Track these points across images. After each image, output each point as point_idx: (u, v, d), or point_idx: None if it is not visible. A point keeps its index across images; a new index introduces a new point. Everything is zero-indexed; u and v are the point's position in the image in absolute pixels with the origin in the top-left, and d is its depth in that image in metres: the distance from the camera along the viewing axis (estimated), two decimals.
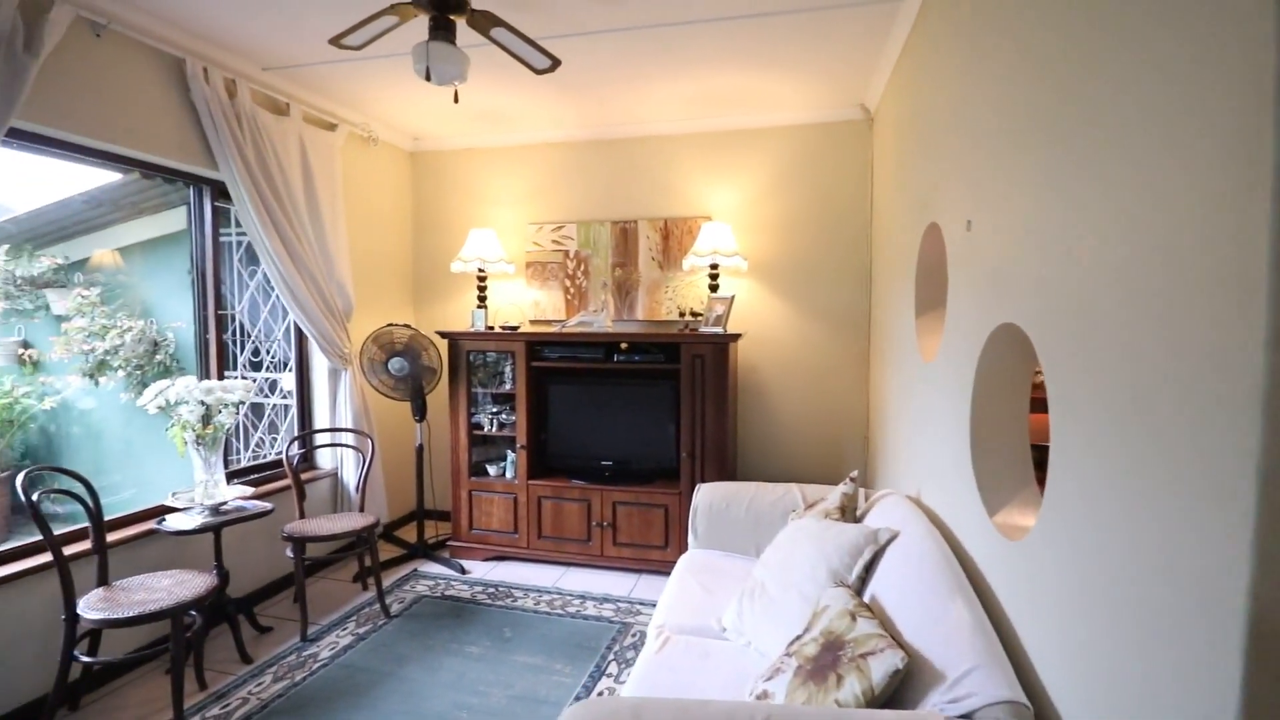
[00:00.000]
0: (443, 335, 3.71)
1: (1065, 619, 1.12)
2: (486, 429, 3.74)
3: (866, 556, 1.84)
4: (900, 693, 1.27)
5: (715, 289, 3.59)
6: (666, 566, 3.28)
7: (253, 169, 2.93)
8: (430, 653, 2.67)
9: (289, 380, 3.62)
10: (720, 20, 2.56)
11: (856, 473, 2.46)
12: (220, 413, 2.58)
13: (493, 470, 3.76)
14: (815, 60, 2.94)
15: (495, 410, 3.79)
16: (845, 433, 3.74)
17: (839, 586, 1.68)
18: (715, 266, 3.55)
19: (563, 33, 2.65)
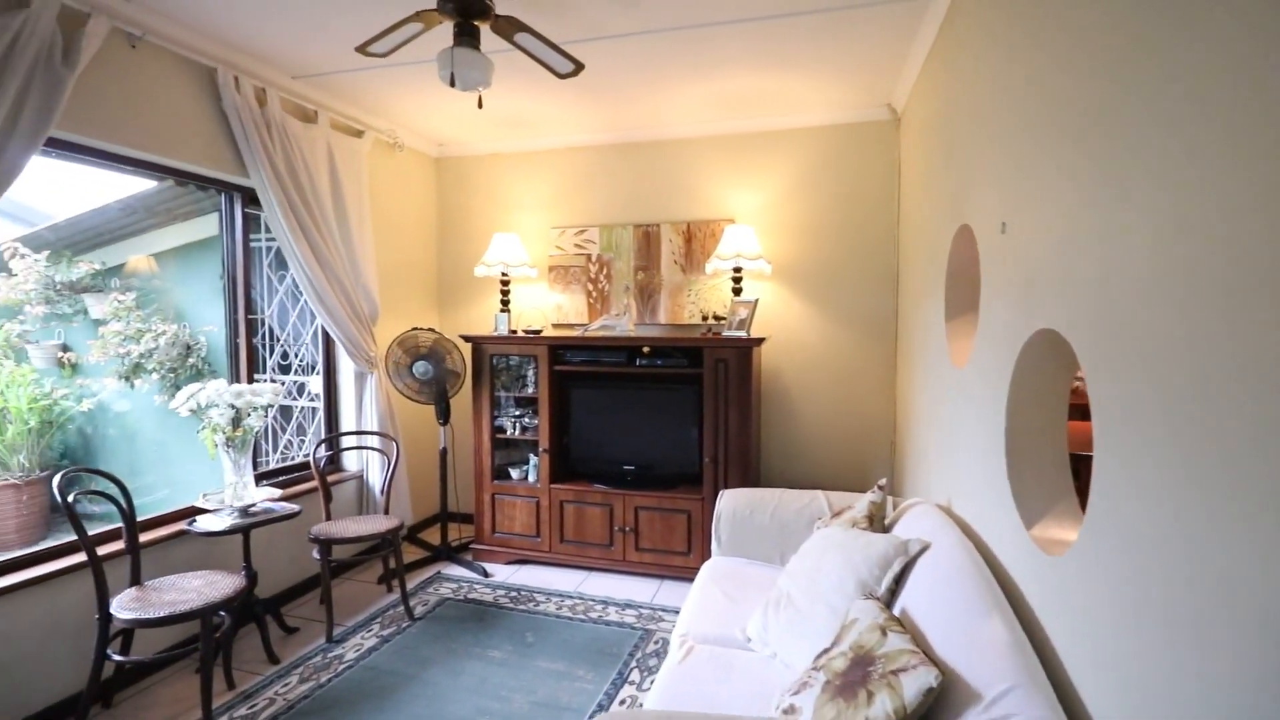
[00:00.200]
0: (466, 339, 3.73)
1: (1111, 639, 1.07)
2: (509, 432, 3.75)
3: (896, 568, 1.79)
4: (933, 712, 1.23)
5: (739, 292, 3.55)
6: (689, 573, 3.25)
7: (282, 176, 2.98)
8: (453, 656, 2.67)
9: (316, 383, 3.67)
10: (743, 21, 2.53)
11: (885, 480, 2.41)
12: (249, 416, 2.62)
13: (515, 474, 3.76)
14: (840, 61, 2.90)
15: (518, 414, 3.80)
16: (871, 439, 3.67)
17: (868, 599, 1.63)
18: (738, 270, 3.51)
19: (585, 37, 2.65)
